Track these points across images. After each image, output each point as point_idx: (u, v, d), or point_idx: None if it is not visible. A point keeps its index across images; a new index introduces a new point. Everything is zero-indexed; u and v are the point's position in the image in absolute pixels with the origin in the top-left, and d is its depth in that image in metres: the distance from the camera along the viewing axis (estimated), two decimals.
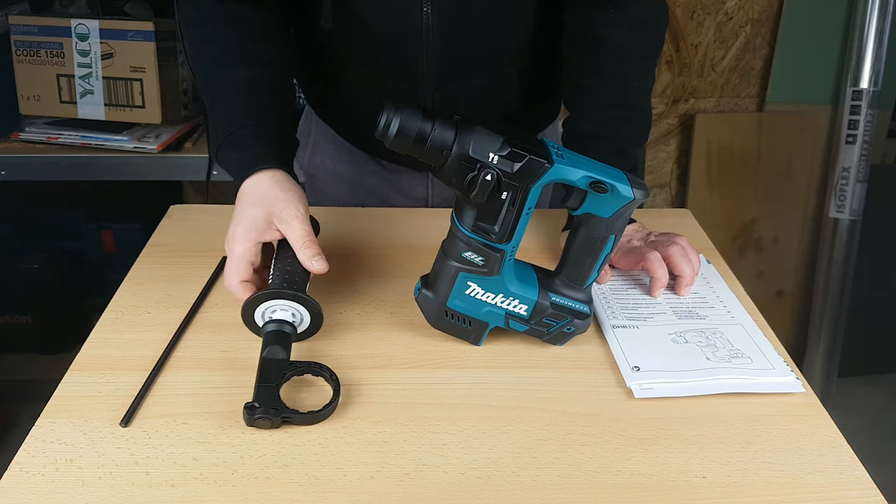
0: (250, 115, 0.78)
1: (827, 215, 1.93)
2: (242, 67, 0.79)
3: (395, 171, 1.01)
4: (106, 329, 0.74)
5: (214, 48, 0.80)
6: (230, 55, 0.79)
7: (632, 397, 0.66)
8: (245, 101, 0.79)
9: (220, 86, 0.80)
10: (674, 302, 0.79)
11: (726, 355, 0.70)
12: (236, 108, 0.78)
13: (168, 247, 0.89)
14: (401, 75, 0.86)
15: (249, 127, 0.77)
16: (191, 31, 0.82)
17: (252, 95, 0.79)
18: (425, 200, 1.03)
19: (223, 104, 0.79)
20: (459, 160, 0.62)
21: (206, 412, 0.62)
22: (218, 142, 0.78)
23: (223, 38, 0.80)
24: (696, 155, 1.97)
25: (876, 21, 1.78)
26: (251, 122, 0.77)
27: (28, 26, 1.49)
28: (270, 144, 0.77)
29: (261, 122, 0.78)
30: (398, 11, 0.81)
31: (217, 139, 0.78)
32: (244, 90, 0.79)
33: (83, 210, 1.89)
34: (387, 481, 0.56)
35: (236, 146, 0.77)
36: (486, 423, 0.62)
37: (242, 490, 0.55)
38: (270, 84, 0.81)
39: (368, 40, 0.85)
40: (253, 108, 0.78)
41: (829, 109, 1.94)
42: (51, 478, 0.56)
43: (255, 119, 0.78)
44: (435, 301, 0.70)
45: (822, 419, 0.64)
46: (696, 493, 0.56)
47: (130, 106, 1.51)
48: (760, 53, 1.94)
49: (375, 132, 0.62)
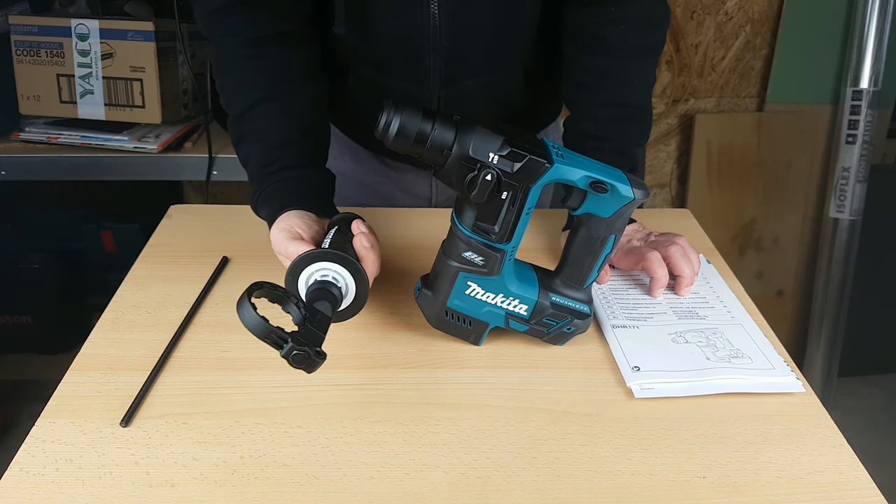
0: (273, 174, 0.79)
1: (827, 215, 1.93)
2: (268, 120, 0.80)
3: (399, 170, 1.02)
4: (106, 329, 0.74)
5: (241, 98, 0.81)
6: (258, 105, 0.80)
7: (632, 397, 0.66)
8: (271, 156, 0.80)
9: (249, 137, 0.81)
10: (674, 302, 0.79)
11: (726, 355, 0.70)
12: (262, 164, 0.80)
13: (168, 247, 0.89)
14: (407, 74, 0.86)
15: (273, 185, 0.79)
16: (218, 73, 0.83)
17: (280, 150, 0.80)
18: (429, 199, 1.04)
19: (252, 159, 0.81)
20: (459, 160, 0.62)
21: (206, 412, 0.62)
22: (252, 200, 0.82)
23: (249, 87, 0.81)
24: (696, 155, 1.97)
25: (876, 21, 1.78)
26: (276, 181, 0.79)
27: (28, 26, 1.49)
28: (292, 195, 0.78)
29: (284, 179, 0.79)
30: (406, 11, 0.81)
31: (251, 197, 0.82)
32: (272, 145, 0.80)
33: (83, 210, 1.89)
34: (387, 481, 0.56)
35: (265, 203, 0.79)
36: (486, 423, 0.62)
37: (242, 490, 0.55)
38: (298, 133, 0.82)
39: (375, 40, 0.85)
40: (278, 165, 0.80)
41: (829, 109, 1.94)
42: (51, 478, 0.56)
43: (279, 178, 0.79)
44: (435, 301, 0.70)
45: (822, 419, 0.64)
46: (696, 493, 0.56)
47: (130, 106, 1.51)
48: (760, 53, 1.94)
49: (375, 132, 0.62)
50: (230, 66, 0.81)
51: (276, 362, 0.69)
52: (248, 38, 0.79)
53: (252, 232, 0.90)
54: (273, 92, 0.80)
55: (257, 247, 0.87)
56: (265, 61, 0.80)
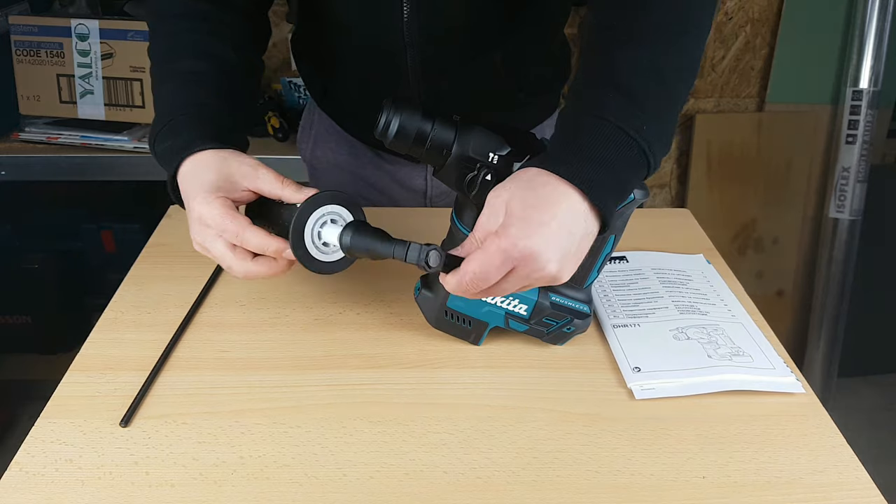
0: (191, 105, 0.69)
1: (827, 215, 1.93)
2: (191, 60, 0.72)
3: (395, 164, 1.02)
4: (106, 329, 0.74)
5: (165, 41, 0.75)
6: (181, 48, 0.73)
7: (632, 397, 0.66)
8: (188, 91, 0.71)
9: (166, 77, 0.72)
10: (676, 296, 0.79)
11: (727, 353, 0.70)
12: (177, 99, 0.70)
13: (168, 247, 0.89)
14: (384, 70, 0.87)
15: (189, 115, 0.68)
16: (150, 24, 0.78)
17: (197, 87, 0.71)
18: (424, 192, 1.04)
19: (164, 96, 0.72)
20: (459, 160, 0.62)
21: (206, 412, 0.62)
22: (154, 132, 0.69)
23: (175, 30, 0.74)
24: (696, 155, 1.97)
25: (876, 21, 1.78)
26: (192, 111, 0.68)
27: (28, 26, 1.50)
28: (211, 128, 0.67)
29: (203, 111, 0.69)
30: (378, 11, 0.80)
31: (154, 129, 0.69)
32: (190, 82, 0.71)
33: (83, 210, 1.89)
34: (387, 481, 0.56)
35: (171, 133, 0.67)
36: (486, 423, 0.62)
37: (242, 490, 0.55)
38: (221, 79, 0.73)
39: (349, 38, 0.85)
40: (194, 98, 0.70)
41: (829, 109, 1.94)
42: (51, 478, 0.56)
43: (196, 108, 0.69)
44: (435, 301, 0.70)
45: (822, 419, 0.64)
46: (696, 493, 0.56)
47: (130, 106, 1.51)
48: (760, 53, 1.94)
49: (375, 132, 0.62)
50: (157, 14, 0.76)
51: (276, 362, 0.69)
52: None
53: None
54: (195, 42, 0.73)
55: None
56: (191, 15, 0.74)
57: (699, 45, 0.65)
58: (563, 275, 0.59)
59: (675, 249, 0.89)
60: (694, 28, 0.64)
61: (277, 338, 0.72)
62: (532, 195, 0.57)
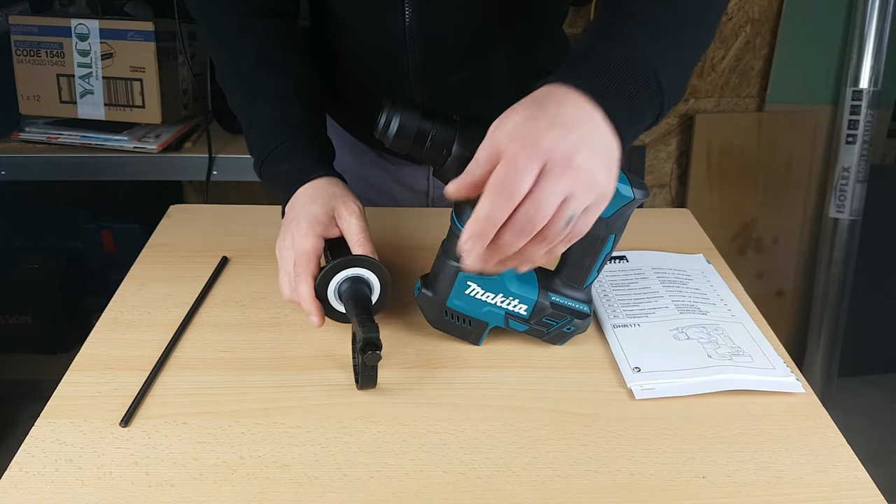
0: (295, 127, 0.78)
1: (827, 215, 1.93)
2: (277, 79, 0.80)
3: (396, 164, 1.02)
4: (106, 329, 0.74)
5: (245, 61, 0.80)
6: (264, 67, 0.80)
7: (632, 397, 0.65)
8: (287, 111, 0.79)
9: (259, 96, 0.79)
10: (676, 296, 0.79)
11: (728, 353, 0.70)
12: (279, 120, 0.78)
13: (168, 247, 0.89)
14: (387, 72, 0.87)
15: (295, 139, 0.77)
16: (215, 47, 0.83)
17: (294, 106, 0.79)
18: (426, 193, 1.04)
19: (263, 116, 0.79)
20: (459, 160, 0.62)
21: (206, 412, 0.62)
22: (263, 155, 0.78)
23: (251, 50, 0.80)
24: (696, 155, 1.97)
25: (876, 21, 1.78)
26: (298, 135, 0.77)
27: (28, 26, 1.49)
28: (318, 154, 0.77)
29: (307, 133, 0.78)
30: (380, 13, 0.81)
31: (263, 151, 0.78)
32: (285, 100, 0.79)
33: (83, 210, 1.89)
34: (387, 481, 0.56)
35: (287, 158, 0.76)
36: (486, 423, 0.62)
37: (242, 490, 0.55)
38: (308, 93, 0.81)
39: (352, 39, 0.86)
40: (297, 120, 0.79)
41: (829, 109, 1.94)
42: (50, 478, 0.56)
43: (301, 130, 0.78)
44: (435, 301, 0.70)
45: (822, 419, 0.64)
46: (696, 493, 0.56)
47: (130, 106, 1.51)
48: (760, 53, 1.94)
49: (375, 132, 0.62)
50: (225, 36, 0.82)
51: (276, 362, 0.69)
52: (241, 12, 0.81)
53: (252, 232, 0.90)
54: (275, 55, 0.81)
55: (257, 247, 0.87)
56: (260, 30, 0.81)
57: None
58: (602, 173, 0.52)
59: (675, 249, 0.89)
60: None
61: (277, 338, 0.72)
62: (536, 106, 0.53)
